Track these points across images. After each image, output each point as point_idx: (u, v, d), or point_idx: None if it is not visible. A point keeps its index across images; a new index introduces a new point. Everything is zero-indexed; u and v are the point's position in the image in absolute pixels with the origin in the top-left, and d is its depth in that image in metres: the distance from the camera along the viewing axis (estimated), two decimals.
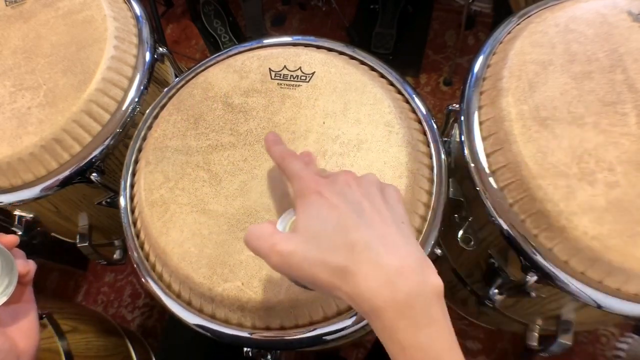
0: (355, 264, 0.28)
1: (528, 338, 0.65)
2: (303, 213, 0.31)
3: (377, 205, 0.31)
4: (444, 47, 1.31)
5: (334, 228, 0.29)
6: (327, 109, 0.51)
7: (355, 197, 0.31)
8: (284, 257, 0.30)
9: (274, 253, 0.30)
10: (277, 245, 0.30)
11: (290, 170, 0.34)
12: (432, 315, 0.28)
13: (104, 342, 0.78)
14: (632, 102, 0.48)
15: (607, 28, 0.52)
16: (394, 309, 0.28)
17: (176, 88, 0.58)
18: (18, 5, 0.65)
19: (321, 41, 0.59)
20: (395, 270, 0.28)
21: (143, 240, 0.49)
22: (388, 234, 0.29)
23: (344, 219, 0.30)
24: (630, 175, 0.44)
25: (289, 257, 0.29)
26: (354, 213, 0.30)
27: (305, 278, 0.30)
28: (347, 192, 0.31)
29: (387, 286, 0.28)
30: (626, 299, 0.44)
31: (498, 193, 0.48)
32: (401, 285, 0.28)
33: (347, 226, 0.29)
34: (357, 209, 0.30)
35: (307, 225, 0.30)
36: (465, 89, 0.54)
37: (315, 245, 0.29)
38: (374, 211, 0.31)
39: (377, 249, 0.28)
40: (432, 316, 0.28)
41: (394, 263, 0.28)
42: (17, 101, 0.57)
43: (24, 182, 0.57)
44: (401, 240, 0.30)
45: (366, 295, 0.28)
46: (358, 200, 0.31)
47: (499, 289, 0.58)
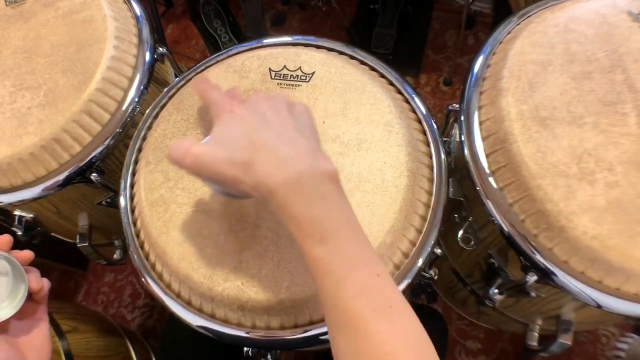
0: (256, 156, 0.32)
1: (528, 338, 0.65)
2: (216, 127, 0.36)
3: (282, 115, 0.36)
4: (444, 47, 1.31)
5: (240, 133, 0.34)
6: (327, 108, 0.51)
7: (262, 109, 0.36)
8: (196, 157, 0.34)
9: (188, 155, 0.34)
10: (191, 149, 0.34)
11: (209, 99, 0.39)
12: (324, 193, 0.32)
13: (104, 342, 0.78)
14: (632, 102, 0.48)
15: (607, 28, 0.52)
16: (286, 187, 0.31)
17: (176, 88, 0.58)
18: (18, 5, 0.65)
19: (321, 41, 0.59)
20: (287, 156, 0.32)
21: (143, 240, 0.49)
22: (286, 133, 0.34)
23: (248, 125, 0.34)
24: (630, 175, 0.44)
25: (200, 157, 0.34)
26: (258, 120, 0.34)
27: (214, 175, 0.34)
28: (255, 107, 0.36)
29: (279, 168, 0.32)
30: (626, 298, 0.44)
31: (498, 193, 0.48)
32: (292, 167, 0.32)
33: (250, 130, 0.34)
34: (262, 118, 0.35)
35: (217, 135, 0.35)
36: (465, 89, 0.54)
37: (223, 147, 0.34)
38: (277, 118, 0.35)
39: (274, 142, 0.33)
40: (324, 194, 0.32)
41: (287, 151, 0.33)
42: (17, 101, 0.57)
43: (24, 182, 0.57)
44: (297, 136, 0.34)
45: (262, 179, 0.32)
46: (264, 111, 0.35)
47: (499, 289, 0.58)
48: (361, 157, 0.48)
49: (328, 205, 0.32)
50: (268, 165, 0.32)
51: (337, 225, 0.32)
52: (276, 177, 0.32)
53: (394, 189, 0.46)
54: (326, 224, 0.31)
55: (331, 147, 0.48)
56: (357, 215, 0.43)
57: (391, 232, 0.44)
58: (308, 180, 0.32)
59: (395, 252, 0.45)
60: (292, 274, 0.43)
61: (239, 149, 0.33)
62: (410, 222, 0.46)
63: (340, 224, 0.32)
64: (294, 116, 0.36)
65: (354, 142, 0.48)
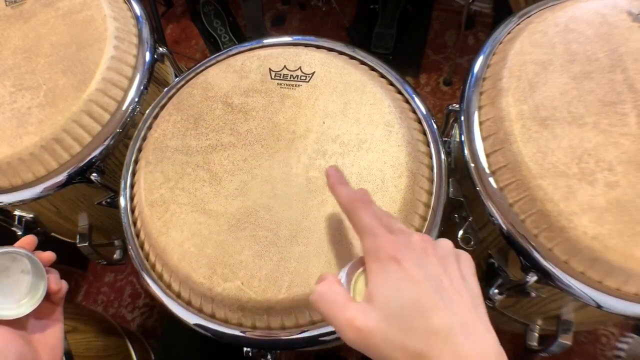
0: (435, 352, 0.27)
1: (528, 338, 0.65)
2: (380, 282, 0.29)
3: (456, 283, 0.29)
4: (444, 47, 1.31)
5: (414, 308, 0.28)
6: (327, 108, 0.51)
7: (434, 270, 0.29)
8: (363, 334, 0.28)
9: (351, 328, 0.28)
10: (356, 321, 0.28)
11: (361, 224, 0.32)
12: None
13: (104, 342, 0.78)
14: (632, 102, 0.47)
15: (607, 28, 0.52)
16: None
17: (176, 88, 0.58)
18: (18, 5, 0.65)
19: (321, 41, 0.59)
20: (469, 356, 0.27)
21: (143, 240, 0.49)
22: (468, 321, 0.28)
23: (424, 299, 0.28)
24: (630, 175, 0.44)
25: (368, 336, 0.28)
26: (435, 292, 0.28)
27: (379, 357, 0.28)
28: (426, 264, 0.29)
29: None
30: (626, 299, 0.44)
31: (498, 193, 0.48)
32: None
33: (428, 308, 0.27)
34: (438, 287, 0.28)
35: (385, 299, 0.28)
36: (465, 89, 0.54)
37: (395, 325, 0.27)
38: (453, 291, 0.29)
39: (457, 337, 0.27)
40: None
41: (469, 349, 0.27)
42: (17, 101, 0.57)
43: (24, 182, 0.57)
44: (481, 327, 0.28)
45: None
46: (438, 275, 0.29)
47: (499, 289, 0.58)
48: (361, 157, 0.48)
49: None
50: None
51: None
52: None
53: (394, 189, 0.46)
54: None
55: (331, 147, 0.48)
56: None
57: None
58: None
59: None
60: (292, 274, 0.43)
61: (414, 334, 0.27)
62: (410, 222, 0.46)
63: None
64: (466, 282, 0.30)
65: (354, 142, 0.48)
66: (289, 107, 0.52)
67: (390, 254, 0.29)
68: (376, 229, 0.31)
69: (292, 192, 0.46)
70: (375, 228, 0.31)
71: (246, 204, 0.46)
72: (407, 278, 0.28)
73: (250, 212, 0.46)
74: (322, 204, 0.45)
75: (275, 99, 0.52)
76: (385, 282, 0.29)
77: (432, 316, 0.27)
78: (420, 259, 0.30)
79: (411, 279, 0.28)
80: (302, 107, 0.51)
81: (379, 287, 0.29)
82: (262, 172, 0.48)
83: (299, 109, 0.51)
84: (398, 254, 0.29)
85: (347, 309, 0.29)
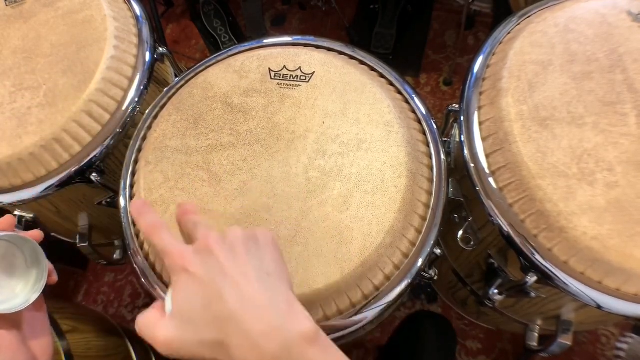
0: (226, 336, 0.29)
1: (528, 338, 0.65)
2: (175, 293, 0.32)
3: (239, 263, 0.32)
4: (444, 47, 1.31)
5: (202, 304, 0.30)
6: (326, 108, 0.51)
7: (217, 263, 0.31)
8: (167, 345, 0.31)
9: (158, 344, 0.31)
10: (157, 337, 0.31)
11: (159, 247, 0.34)
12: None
13: (104, 342, 0.78)
14: (631, 103, 0.47)
15: (607, 28, 0.52)
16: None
17: (176, 88, 0.58)
18: (18, 5, 0.65)
19: (321, 41, 0.59)
20: (259, 333, 0.29)
21: (143, 240, 0.49)
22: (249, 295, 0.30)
23: (208, 293, 0.30)
24: (630, 175, 0.44)
25: (170, 345, 0.30)
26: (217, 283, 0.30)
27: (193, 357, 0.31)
28: (208, 260, 0.32)
29: (254, 351, 0.28)
30: (626, 299, 0.44)
31: (498, 193, 0.48)
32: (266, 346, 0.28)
33: (212, 300, 0.30)
34: (219, 276, 0.31)
35: (179, 307, 0.31)
36: (465, 89, 0.54)
37: (189, 326, 0.30)
38: (238, 273, 0.31)
39: (240, 316, 0.29)
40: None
41: (256, 327, 0.29)
42: (17, 101, 0.57)
43: (24, 182, 0.57)
44: (263, 296, 0.30)
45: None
46: (220, 265, 0.31)
47: (499, 289, 0.58)
48: (361, 157, 0.48)
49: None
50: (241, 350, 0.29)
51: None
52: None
53: (394, 189, 0.46)
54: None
55: (331, 147, 0.48)
56: (357, 216, 0.43)
57: (391, 232, 0.44)
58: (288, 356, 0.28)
59: (395, 252, 0.45)
60: (291, 274, 0.42)
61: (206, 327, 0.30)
62: (409, 222, 0.46)
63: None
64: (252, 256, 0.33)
65: (353, 142, 0.48)
66: (288, 107, 0.52)
67: (180, 266, 0.32)
68: (167, 247, 0.33)
69: (291, 192, 0.46)
70: (167, 246, 0.33)
71: (246, 204, 0.46)
72: (193, 281, 0.31)
73: (250, 212, 0.46)
74: (321, 204, 0.45)
75: (275, 99, 0.52)
76: (178, 292, 0.32)
77: (215, 307, 0.30)
78: (205, 258, 0.32)
79: (196, 280, 0.31)
80: (302, 107, 0.52)
81: (175, 298, 0.32)
82: (261, 172, 0.48)
83: (298, 109, 0.51)
84: (185, 263, 0.32)
85: (154, 328, 0.31)
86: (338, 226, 0.44)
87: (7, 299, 0.37)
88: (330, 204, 0.45)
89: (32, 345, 0.39)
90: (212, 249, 0.32)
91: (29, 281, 0.38)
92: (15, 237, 0.38)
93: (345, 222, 0.44)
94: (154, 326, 0.32)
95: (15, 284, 0.38)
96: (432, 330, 0.66)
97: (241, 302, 0.30)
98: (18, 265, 0.38)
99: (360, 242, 0.43)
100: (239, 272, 0.31)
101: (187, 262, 0.32)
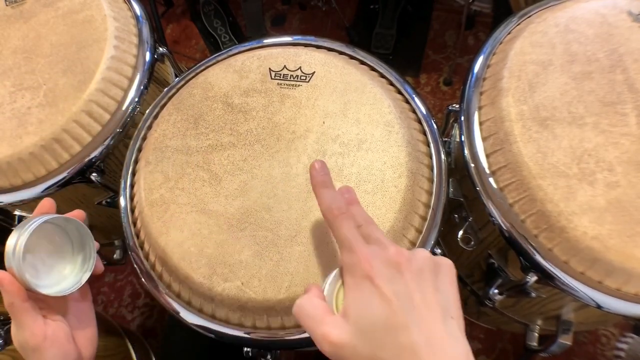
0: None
1: (528, 338, 0.65)
2: (354, 299, 0.31)
3: (428, 297, 0.31)
4: (444, 47, 1.31)
5: (383, 325, 0.30)
6: (327, 108, 0.51)
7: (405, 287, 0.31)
8: (336, 347, 0.30)
9: (325, 342, 0.30)
10: (330, 335, 0.30)
11: (339, 236, 0.34)
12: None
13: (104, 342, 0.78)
14: (632, 103, 0.47)
15: (607, 28, 0.52)
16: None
17: (176, 88, 0.58)
18: (18, 5, 0.65)
19: (321, 41, 0.59)
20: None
21: (143, 240, 0.49)
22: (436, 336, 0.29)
23: (393, 317, 0.30)
24: (630, 175, 0.44)
25: (340, 349, 0.30)
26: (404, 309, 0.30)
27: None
28: (397, 280, 0.31)
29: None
30: (626, 299, 0.44)
31: (498, 193, 0.48)
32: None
33: (396, 326, 0.29)
34: (407, 304, 0.30)
35: (358, 316, 0.30)
36: (465, 89, 0.54)
37: (366, 341, 0.30)
38: (423, 306, 0.30)
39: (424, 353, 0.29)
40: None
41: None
42: (17, 101, 0.57)
43: (24, 182, 0.57)
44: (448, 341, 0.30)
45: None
46: (408, 292, 0.30)
47: (499, 289, 0.58)
48: (361, 157, 0.48)
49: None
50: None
51: None
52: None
53: (394, 189, 0.46)
54: None
55: (331, 147, 0.48)
56: None
57: (391, 232, 0.44)
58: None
59: None
60: (291, 274, 0.43)
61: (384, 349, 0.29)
62: (410, 222, 0.46)
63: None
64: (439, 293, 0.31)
65: (354, 142, 0.48)
66: (289, 107, 0.52)
67: (365, 271, 0.31)
68: (353, 243, 0.33)
69: (292, 192, 0.46)
70: (353, 242, 0.33)
71: (246, 204, 0.46)
72: (379, 296, 0.30)
73: (250, 212, 0.46)
74: None
75: (275, 99, 0.52)
76: (359, 299, 0.31)
77: (399, 334, 0.29)
78: (393, 275, 0.31)
79: (382, 296, 0.30)
80: (302, 107, 0.51)
81: (353, 303, 0.31)
82: (262, 172, 0.48)
83: (299, 109, 0.51)
84: (371, 272, 0.31)
85: (323, 323, 0.31)
86: None
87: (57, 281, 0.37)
88: None
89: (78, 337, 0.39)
90: (402, 268, 0.31)
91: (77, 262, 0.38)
92: (58, 218, 0.37)
93: None
94: (322, 321, 0.31)
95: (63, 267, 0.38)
96: None
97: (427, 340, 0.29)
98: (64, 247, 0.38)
99: None
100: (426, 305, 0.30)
101: (375, 272, 0.31)
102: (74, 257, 0.38)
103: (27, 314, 0.36)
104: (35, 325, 0.36)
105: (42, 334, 0.36)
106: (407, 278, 0.31)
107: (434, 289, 0.31)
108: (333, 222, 0.35)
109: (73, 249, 0.39)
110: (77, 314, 0.40)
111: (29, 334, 0.36)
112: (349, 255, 0.32)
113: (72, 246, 0.38)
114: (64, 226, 0.38)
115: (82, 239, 0.38)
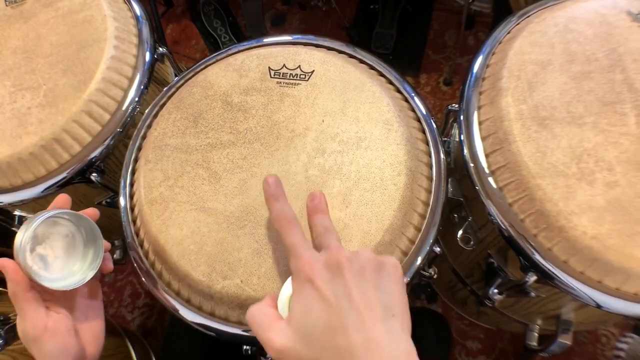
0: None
1: (528, 338, 0.65)
2: (297, 302, 0.32)
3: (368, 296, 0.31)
4: (444, 47, 1.31)
5: (322, 328, 0.30)
6: (326, 107, 0.51)
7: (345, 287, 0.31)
8: (280, 353, 0.31)
9: (269, 347, 0.31)
10: (273, 341, 0.31)
11: (287, 242, 0.34)
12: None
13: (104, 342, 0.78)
14: (631, 102, 0.48)
15: (607, 28, 0.52)
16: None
17: (176, 87, 0.58)
18: (18, 5, 0.65)
19: (320, 40, 0.59)
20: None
21: (142, 238, 0.49)
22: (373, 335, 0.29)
23: (332, 319, 0.30)
24: (630, 175, 0.44)
25: (286, 353, 0.31)
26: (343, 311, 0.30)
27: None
28: (337, 281, 0.31)
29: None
30: (626, 298, 0.44)
31: (497, 193, 0.48)
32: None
33: (334, 327, 0.30)
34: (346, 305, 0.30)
35: (299, 319, 0.31)
36: (465, 89, 0.54)
37: (307, 344, 0.30)
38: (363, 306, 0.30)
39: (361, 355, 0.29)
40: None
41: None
42: (17, 101, 0.57)
43: (24, 182, 0.57)
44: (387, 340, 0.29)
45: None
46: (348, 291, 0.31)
47: (499, 289, 0.58)
48: (360, 156, 0.48)
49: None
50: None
51: None
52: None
53: (393, 187, 0.46)
54: None
55: (330, 145, 0.48)
56: (356, 214, 0.43)
57: (390, 230, 0.44)
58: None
59: (394, 250, 0.45)
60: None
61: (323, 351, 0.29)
62: (409, 220, 0.46)
63: None
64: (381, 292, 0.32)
65: (353, 141, 0.49)
66: (288, 105, 0.52)
67: (306, 274, 0.32)
68: (298, 249, 0.33)
69: (291, 190, 0.46)
70: (297, 247, 0.33)
71: (245, 202, 0.46)
72: (318, 297, 0.31)
73: (250, 210, 0.46)
74: None
75: (274, 98, 0.52)
76: (301, 303, 0.31)
77: (337, 335, 0.29)
78: (333, 276, 0.31)
79: (322, 298, 0.31)
80: (302, 106, 0.52)
81: (296, 307, 0.32)
82: (261, 170, 0.48)
83: (298, 107, 0.52)
84: (312, 274, 0.31)
85: (269, 330, 0.32)
86: (337, 224, 0.44)
87: (65, 276, 0.37)
88: (330, 202, 0.45)
89: (82, 333, 0.39)
90: (342, 268, 0.31)
91: (86, 259, 0.39)
92: (73, 214, 0.38)
93: (345, 220, 0.44)
94: (269, 326, 0.32)
95: (73, 263, 0.38)
96: (429, 327, 0.67)
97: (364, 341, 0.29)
98: (76, 243, 0.39)
99: (359, 240, 0.43)
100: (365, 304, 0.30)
101: (315, 273, 0.31)
102: (85, 255, 0.39)
103: (29, 304, 0.36)
104: (36, 315, 0.36)
105: (43, 325, 0.36)
106: (347, 277, 0.31)
107: (375, 288, 0.31)
108: (280, 231, 0.36)
109: (84, 246, 0.39)
110: (84, 311, 0.40)
111: (30, 324, 0.36)
112: (295, 260, 0.33)
113: (83, 243, 0.39)
114: (77, 223, 0.39)
115: (93, 237, 0.39)
